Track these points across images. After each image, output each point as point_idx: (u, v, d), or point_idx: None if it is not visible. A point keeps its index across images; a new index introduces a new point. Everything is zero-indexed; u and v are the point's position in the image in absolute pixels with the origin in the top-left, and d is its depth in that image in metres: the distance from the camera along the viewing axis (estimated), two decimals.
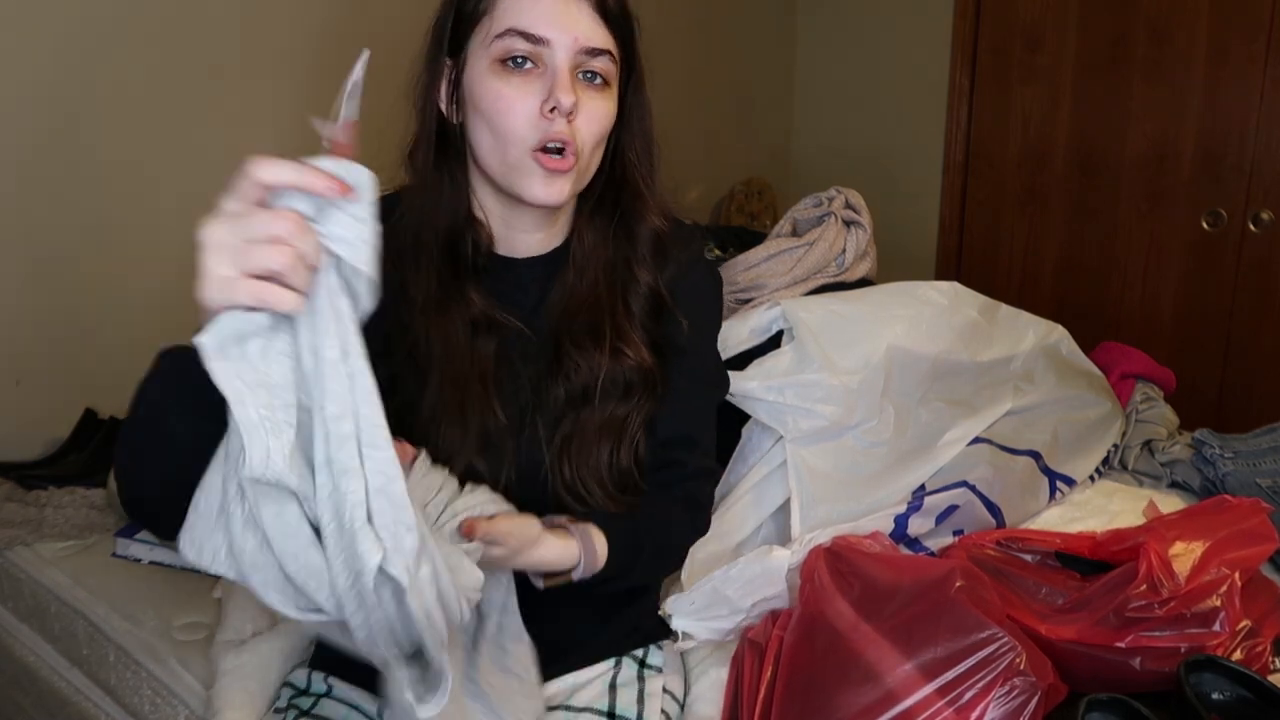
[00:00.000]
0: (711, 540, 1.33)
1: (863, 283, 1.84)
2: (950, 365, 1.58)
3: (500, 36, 0.89)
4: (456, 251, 0.97)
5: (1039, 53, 2.87)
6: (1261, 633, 1.10)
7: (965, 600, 1.02)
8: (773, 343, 1.56)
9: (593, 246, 1.01)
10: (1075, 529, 1.41)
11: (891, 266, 2.14)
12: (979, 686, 0.96)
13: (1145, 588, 1.08)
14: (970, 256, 3.14)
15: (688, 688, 1.17)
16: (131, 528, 1.57)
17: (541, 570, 0.89)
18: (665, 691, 1.09)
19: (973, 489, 1.44)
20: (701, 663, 1.21)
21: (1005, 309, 1.73)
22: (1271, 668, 1.09)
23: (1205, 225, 2.67)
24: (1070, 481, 1.60)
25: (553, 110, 0.88)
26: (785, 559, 1.25)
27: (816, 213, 1.89)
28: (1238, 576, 1.10)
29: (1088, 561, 1.24)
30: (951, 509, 1.42)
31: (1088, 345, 1.84)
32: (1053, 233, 2.96)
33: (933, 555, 1.38)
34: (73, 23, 1.73)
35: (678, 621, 1.22)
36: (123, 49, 1.80)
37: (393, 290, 0.89)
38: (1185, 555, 1.12)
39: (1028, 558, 1.29)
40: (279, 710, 1.06)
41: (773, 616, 1.20)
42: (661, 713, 1.06)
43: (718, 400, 1.13)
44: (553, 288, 1.01)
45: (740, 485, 1.44)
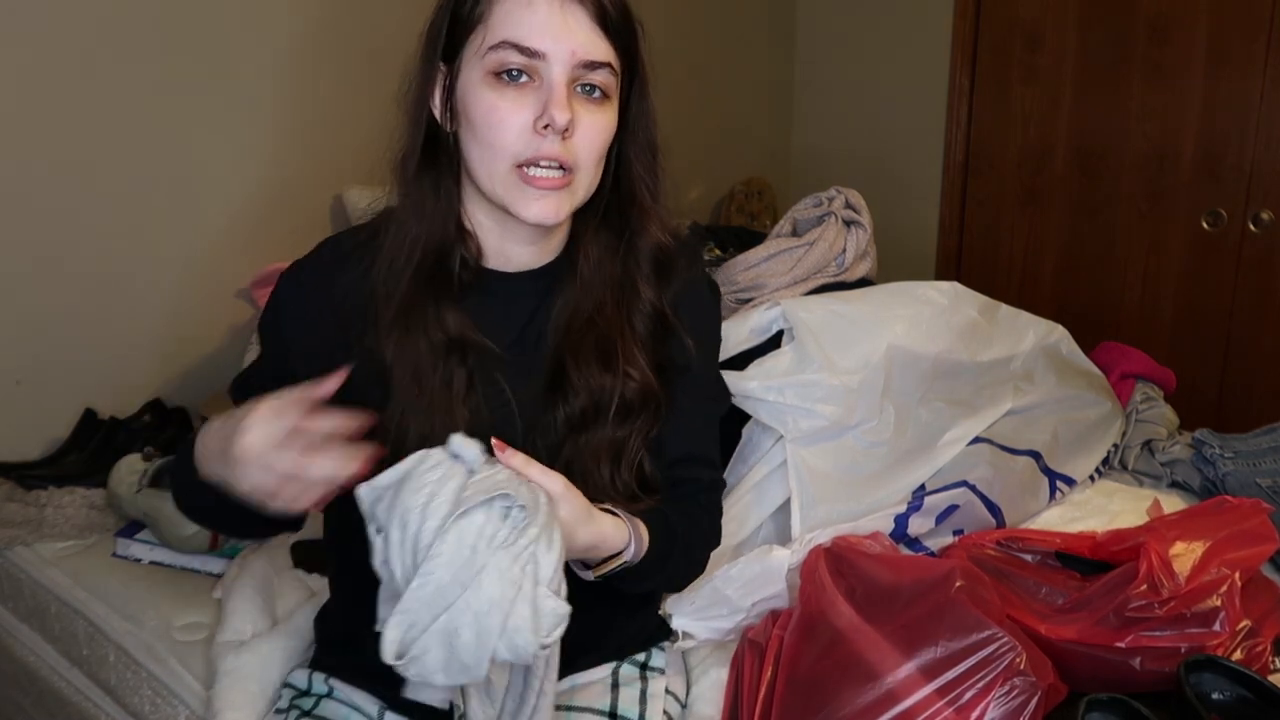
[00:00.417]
0: None
1: (863, 283, 1.84)
2: (950, 365, 1.58)
3: (494, 48, 0.85)
4: (442, 266, 0.92)
5: (1039, 53, 2.86)
6: (1261, 633, 1.10)
7: (965, 600, 1.02)
8: (773, 343, 1.56)
9: (598, 263, 0.97)
10: (1075, 529, 1.41)
11: (891, 266, 2.14)
12: (979, 686, 0.96)
13: (1145, 588, 1.08)
14: (970, 256, 3.14)
15: (688, 688, 1.17)
16: (131, 528, 1.57)
17: (599, 548, 0.85)
18: (668, 693, 1.09)
19: (973, 489, 1.44)
20: (702, 663, 1.21)
21: (1005, 309, 1.73)
22: (1271, 668, 1.09)
23: (1205, 225, 2.66)
24: (1070, 481, 1.60)
25: (545, 127, 0.85)
26: (785, 559, 1.25)
27: (816, 213, 1.89)
28: (1238, 576, 1.10)
29: (1088, 561, 1.24)
30: (951, 509, 1.42)
31: (1088, 345, 1.84)
32: (1053, 233, 2.95)
33: (933, 555, 1.38)
34: (72, 23, 1.73)
35: (678, 621, 1.22)
36: (122, 50, 1.80)
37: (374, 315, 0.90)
38: (1185, 555, 1.12)
39: (1028, 558, 1.29)
40: (280, 711, 1.06)
41: (773, 616, 1.20)
42: (664, 714, 1.06)
43: (721, 414, 1.12)
44: (552, 304, 0.97)
45: (740, 485, 1.44)
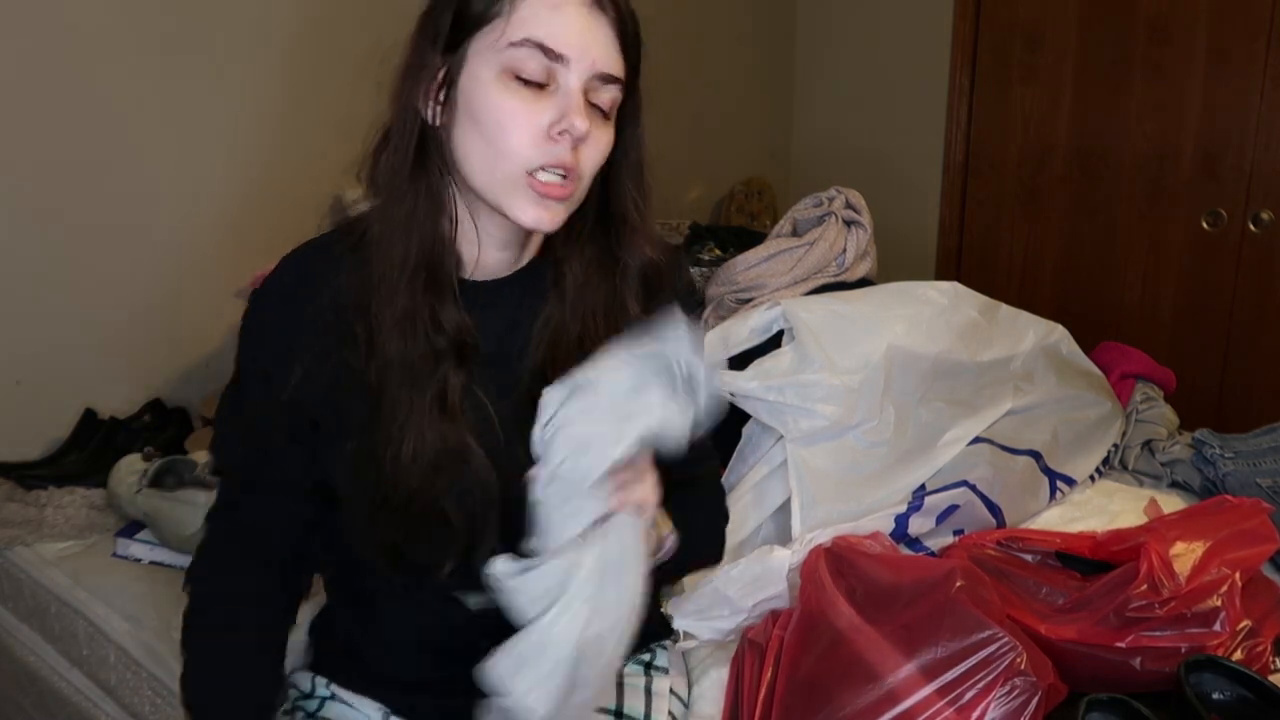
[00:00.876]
0: None
1: (863, 283, 1.84)
2: (950, 365, 1.58)
3: (515, 45, 0.82)
4: (440, 269, 0.89)
5: (1039, 53, 2.86)
6: (1262, 633, 1.10)
7: (966, 600, 1.02)
8: (773, 343, 1.56)
9: (585, 281, 0.95)
10: (1075, 529, 1.41)
11: (891, 266, 2.14)
12: (979, 686, 0.96)
13: (1146, 588, 1.08)
14: (970, 256, 3.14)
15: (689, 688, 1.17)
16: (131, 528, 1.57)
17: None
18: (672, 693, 1.09)
19: (973, 489, 1.44)
20: (702, 662, 1.21)
21: (1005, 309, 1.73)
22: (1272, 668, 1.09)
23: (1205, 225, 2.66)
24: (1070, 481, 1.60)
25: (561, 133, 0.83)
26: (786, 559, 1.25)
27: (816, 213, 1.89)
28: (1238, 576, 1.10)
29: (1088, 561, 1.24)
30: (952, 509, 1.42)
31: (1088, 345, 1.84)
32: (1053, 233, 2.95)
33: (933, 555, 1.38)
34: (71, 23, 1.73)
35: (679, 621, 1.22)
36: (121, 50, 1.80)
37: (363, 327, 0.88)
38: (1186, 555, 1.12)
39: (1028, 558, 1.29)
40: (285, 712, 1.06)
41: (773, 616, 1.20)
42: (668, 714, 1.06)
43: (707, 429, 1.11)
44: (533, 316, 0.94)
45: (740, 485, 1.44)
